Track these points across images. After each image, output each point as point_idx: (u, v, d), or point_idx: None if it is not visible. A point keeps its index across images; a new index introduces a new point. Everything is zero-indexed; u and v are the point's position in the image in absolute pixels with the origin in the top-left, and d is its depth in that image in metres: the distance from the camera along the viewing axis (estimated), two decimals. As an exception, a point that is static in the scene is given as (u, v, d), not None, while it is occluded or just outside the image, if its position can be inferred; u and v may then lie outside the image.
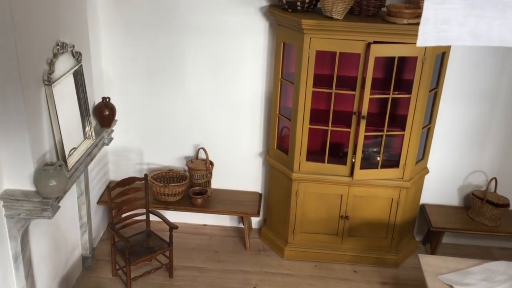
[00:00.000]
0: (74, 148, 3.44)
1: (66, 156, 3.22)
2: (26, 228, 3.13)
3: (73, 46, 3.33)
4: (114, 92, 4.58)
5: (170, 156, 4.87)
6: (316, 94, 4.15)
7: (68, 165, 3.23)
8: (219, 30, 4.36)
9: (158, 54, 4.47)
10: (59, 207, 3.13)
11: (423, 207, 4.83)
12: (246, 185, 4.94)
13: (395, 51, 3.88)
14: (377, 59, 3.96)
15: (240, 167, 4.87)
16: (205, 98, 4.62)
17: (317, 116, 4.27)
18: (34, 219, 3.07)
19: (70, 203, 4.02)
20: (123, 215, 4.31)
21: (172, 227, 4.21)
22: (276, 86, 4.34)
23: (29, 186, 2.98)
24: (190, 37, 4.40)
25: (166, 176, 4.81)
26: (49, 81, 3.00)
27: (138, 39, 4.42)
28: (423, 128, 4.28)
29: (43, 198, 2.94)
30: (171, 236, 4.25)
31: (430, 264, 3.70)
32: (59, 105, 3.19)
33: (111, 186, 4.13)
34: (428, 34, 2.79)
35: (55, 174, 2.91)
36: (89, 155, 3.62)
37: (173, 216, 4.97)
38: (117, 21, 4.36)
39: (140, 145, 4.85)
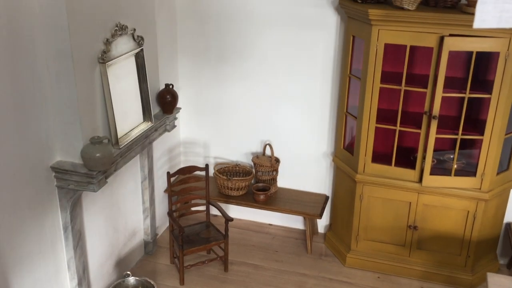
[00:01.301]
0: (132, 129, 3.54)
1: (118, 134, 3.32)
2: (76, 200, 3.27)
3: (134, 30, 3.44)
4: (185, 83, 4.70)
5: (238, 151, 4.86)
6: (385, 92, 3.91)
7: (120, 143, 3.32)
8: (291, 24, 4.28)
9: (229, 48, 4.49)
10: (106, 182, 3.23)
11: (508, 226, 4.31)
12: (313, 186, 4.76)
13: (473, 45, 3.52)
14: (453, 55, 3.63)
15: (307, 167, 4.71)
16: (275, 93, 4.55)
17: (386, 116, 4.00)
18: (83, 191, 3.19)
19: (132, 186, 4.15)
20: (184, 204, 4.37)
21: (228, 219, 4.17)
22: (344, 83, 4.15)
23: (77, 159, 3.11)
24: (262, 31, 4.37)
25: (233, 170, 4.80)
26: (103, 60, 3.12)
27: (211, 32, 4.48)
28: (507, 134, 3.82)
29: (89, 170, 3.05)
30: (226, 229, 4.21)
31: (499, 284, 3.27)
32: (116, 84, 3.32)
33: (172, 173, 4.19)
34: (488, 14, 2.49)
35: (100, 148, 3.01)
36: (146, 138, 3.71)
37: (240, 213, 4.97)
38: (193, 14, 4.47)
39: (209, 139, 4.89)
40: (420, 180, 3.94)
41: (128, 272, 3.75)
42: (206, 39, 4.52)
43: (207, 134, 4.88)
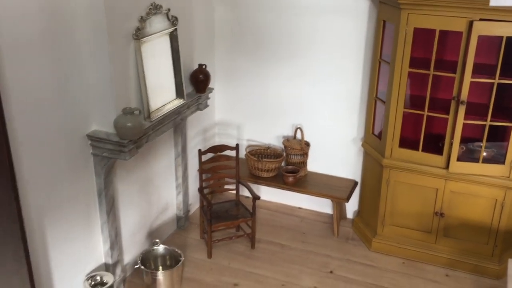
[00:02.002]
0: (164, 105, 3.74)
1: (150, 108, 3.52)
2: (110, 168, 3.50)
3: (168, 10, 3.63)
4: (221, 66, 4.87)
5: (271, 134, 4.98)
6: (414, 77, 3.93)
7: (151, 116, 3.52)
8: (324, 10, 4.37)
9: (265, 33, 4.63)
10: (137, 152, 3.43)
11: (540, 218, 4.22)
12: (343, 171, 4.83)
13: (502, 29, 3.49)
14: (484, 40, 3.61)
15: (337, 152, 4.78)
16: (307, 78, 4.64)
17: (414, 101, 4.03)
18: (116, 159, 3.41)
19: (166, 162, 4.36)
20: (215, 181, 4.54)
21: (255, 197, 4.31)
22: (375, 68, 4.20)
23: (111, 129, 3.33)
24: (296, 17, 4.48)
25: (264, 152, 4.93)
26: (137, 36, 3.33)
27: (247, 14, 4.63)
28: (539, 122, 3.76)
29: (120, 139, 3.26)
30: (254, 206, 4.35)
31: (519, 271, 3.24)
32: (150, 60, 3.52)
33: (203, 151, 4.38)
34: (505, -8, 2.51)
35: (131, 119, 3.22)
36: (178, 114, 3.90)
37: (271, 195, 5.12)
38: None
39: (243, 121, 5.05)
40: (447, 166, 3.94)
41: (157, 240, 3.96)
42: (243, 24, 4.67)
43: (241, 117, 5.03)
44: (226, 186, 4.60)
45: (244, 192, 4.74)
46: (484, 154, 4.01)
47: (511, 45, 3.62)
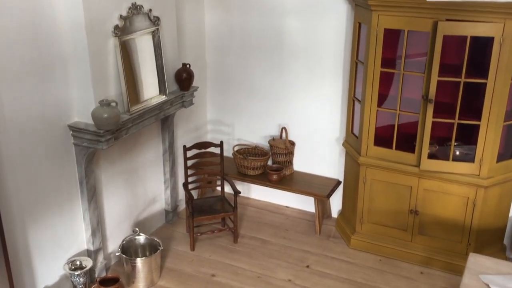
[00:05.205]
0: (146, 100, 3.96)
1: (130, 102, 3.74)
2: (91, 157, 3.73)
3: (150, 10, 3.87)
4: (212, 67, 5.09)
5: (259, 133, 5.15)
6: (386, 77, 4.06)
7: (131, 109, 3.75)
8: (306, 12, 4.53)
9: (251, 34, 4.82)
10: (114, 142, 3.66)
11: (517, 218, 4.26)
12: (327, 170, 4.95)
13: (467, 30, 3.59)
14: (452, 40, 3.71)
15: (321, 152, 4.92)
16: (291, 78, 4.80)
17: (388, 100, 4.14)
18: (96, 149, 3.63)
19: (152, 157, 4.57)
20: (200, 177, 4.73)
21: (236, 191, 4.48)
22: (352, 68, 4.34)
23: (90, 120, 3.56)
24: (281, 19, 4.66)
25: (252, 152, 5.10)
26: (116, 34, 3.57)
27: (236, 18, 4.83)
28: (508, 121, 3.82)
29: (97, 129, 3.49)
30: (235, 201, 4.52)
31: (478, 263, 3.31)
32: (132, 57, 3.76)
33: (188, 147, 4.58)
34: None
35: (107, 110, 3.44)
36: (160, 110, 4.12)
37: (259, 193, 5.28)
38: (219, 2, 4.85)
39: (233, 121, 5.23)
40: (419, 164, 4.03)
41: (137, 229, 4.17)
42: (230, 26, 4.88)
43: (232, 116, 5.22)
44: (212, 183, 4.78)
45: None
46: (457, 152, 4.10)
47: (476, 44, 3.72)
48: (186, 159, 4.59)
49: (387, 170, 4.20)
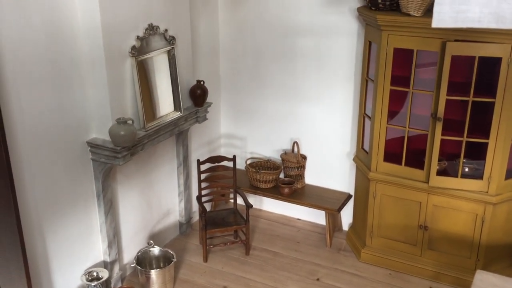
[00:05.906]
0: (161, 117, 4.09)
1: (146, 119, 3.87)
2: (107, 172, 3.86)
3: (166, 31, 4.00)
4: (226, 82, 5.21)
5: (271, 147, 5.25)
6: (396, 95, 4.13)
7: (146, 126, 3.88)
8: (318, 31, 4.64)
9: (264, 52, 4.94)
10: (131, 158, 3.79)
11: (527, 235, 4.29)
12: (338, 184, 5.03)
13: (475, 50, 3.66)
14: (461, 60, 3.78)
15: (333, 166, 5.00)
16: (304, 94, 4.90)
17: (397, 117, 4.22)
18: (112, 164, 3.76)
19: (167, 170, 4.70)
20: (210, 190, 4.85)
21: (248, 205, 4.58)
22: (362, 85, 4.42)
23: (107, 136, 3.70)
24: (293, 38, 4.77)
25: (264, 165, 5.20)
26: (133, 54, 3.71)
27: (249, 35, 4.95)
28: (517, 139, 3.88)
29: (115, 146, 3.63)
30: (247, 214, 4.62)
31: (485, 281, 3.38)
32: (148, 76, 3.90)
33: (201, 161, 4.70)
34: (445, 15, 2.74)
35: (124, 127, 3.58)
36: (175, 126, 4.24)
37: (271, 205, 5.37)
38: (233, 21, 4.98)
39: (247, 135, 5.34)
40: (428, 180, 4.09)
41: (151, 241, 4.29)
42: (244, 43, 5.00)
43: (245, 130, 5.33)
44: (225, 195, 4.89)
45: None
46: (466, 169, 4.15)
47: (484, 64, 3.78)
48: (200, 172, 4.70)
49: (396, 186, 4.27)
